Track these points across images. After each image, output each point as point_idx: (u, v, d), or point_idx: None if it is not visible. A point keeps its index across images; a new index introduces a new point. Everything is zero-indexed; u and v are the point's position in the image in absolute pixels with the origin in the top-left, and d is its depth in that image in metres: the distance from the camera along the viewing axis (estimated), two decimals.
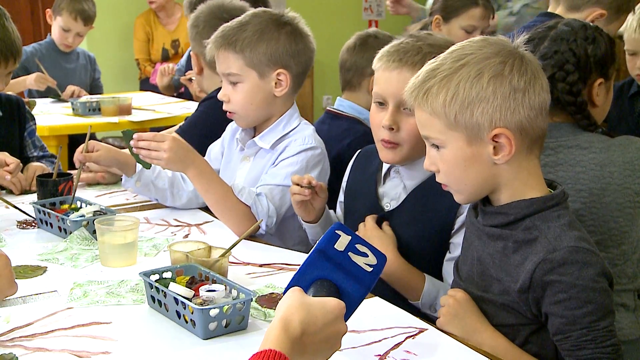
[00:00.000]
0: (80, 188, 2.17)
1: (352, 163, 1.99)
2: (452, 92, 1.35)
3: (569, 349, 1.33)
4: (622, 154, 1.63)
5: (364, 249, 1.16)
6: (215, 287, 1.43)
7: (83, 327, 1.41)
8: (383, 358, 1.31)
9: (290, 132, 2.08)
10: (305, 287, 1.12)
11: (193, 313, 1.35)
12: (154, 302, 1.47)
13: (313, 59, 2.13)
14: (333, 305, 1.09)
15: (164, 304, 1.44)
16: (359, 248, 1.16)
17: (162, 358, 1.31)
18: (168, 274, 1.52)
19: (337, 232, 1.15)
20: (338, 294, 1.12)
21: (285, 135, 2.07)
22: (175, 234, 1.96)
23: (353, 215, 1.87)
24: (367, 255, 1.15)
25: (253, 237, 1.91)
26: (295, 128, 2.09)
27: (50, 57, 4.31)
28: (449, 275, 1.70)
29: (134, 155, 1.95)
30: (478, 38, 1.43)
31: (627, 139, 1.67)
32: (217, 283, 1.46)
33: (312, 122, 2.25)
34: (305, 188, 1.79)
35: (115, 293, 1.56)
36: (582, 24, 1.71)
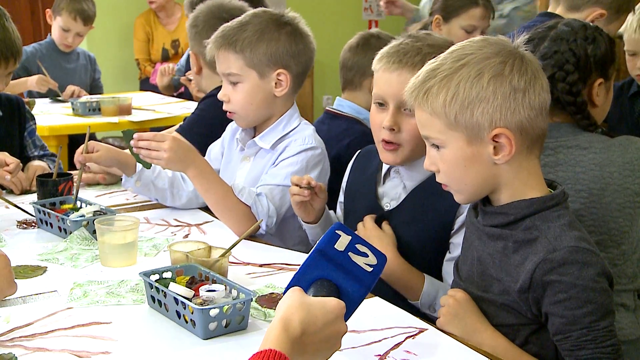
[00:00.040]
0: (81, 188, 2.16)
1: (352, 163, 1.99)
2: (452, 92, 1.35)
3: (569, 349, 1.33)
4: (621, 154, 1.63)
5: (364, 249, 1.16)
6: (215, 287, 1.43)
7: (83, 327, 1.41)
8: (383, 358, 1.31)
9: (291, 132, 2.08)
10: (306, 287, 1.12)
11: (193, 313, 1.35)
12: (154, 302, 1.47)
13: (313, 59, 2.13)
14: (333, 305, 1.09)
15: (164, 304, 1.44)
16: (359, 248, 1.16)
17: (162, 358, 1.31)
18: (168, 274, 1.52)
19: (337, 232, 1.15)
20: (338, 294, 1.12)
21: (286, 136, 2.07)
22: (175, 234, 1.96)
23: (353, 216, 1.87)
24: (367, 255, 1.15)
25: (253, 237, 1.91)
26: (296, 128, 2.09)
27: (51, 57, 4.31)
28: (449, 275, 1.70)
29: (134, 155, 1.95)
30: (478, 38, 1.43)
31: (627, 139, 1.67)
32: (217, 283, 1.46)
33: (312, 122, 2.25)
34: (305, 189, 1.79)
35: (115, 293, 1.56)
36: (582, 24, 1.71)
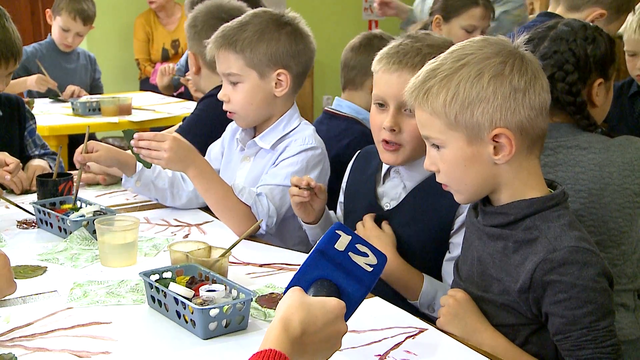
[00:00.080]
0: (81, 188, 2.17)
1: (351, 163, 1.99)
2: (452, 92, 1.35)
3: (569, 349, 1.33)
4: (621, 155, 1.63)
5: (364, 249, 1.16)
6: (215, 287, 1.43)
7: (83, 327, 1.41)
8: (383, 358, 1.31)
9: (291, 132, 2.08)
10: (306, 287, 1.12)
11: (193, 313, 1.35)
12: (154, 302, 1.47)
13: (313, 59, 2.13)
14: (333, 305, 1.09)
15: (164, 304, 1.44)
16: (359, 248, 1.16)
17: (162, 358, 1.31)
18: (168, 274, 1.52)
19: (337, 232, 1.15)
20: (338, 294, 1.12)
21: (286, 136, 2.07)
22: (175, 234, 1.96)
23: (353, 216, 1.87)
24: (367, 255, 1.15)
25: (253, 237, 1.91)
26: (296, 128, 2.09)
27: (51, 57, 4.31)
28: (448, 275, 1.70)
29: (135, 155, 1.95)
30: (478, 38, 1.43)
31: (626, 139, 1.67)
32: (217, 283, 1.46)
33: (311, 122, 2.25)
34: (304, 190, 1.79)
35: (115, 293, 1.56)
36: (582, 24, 1.71)
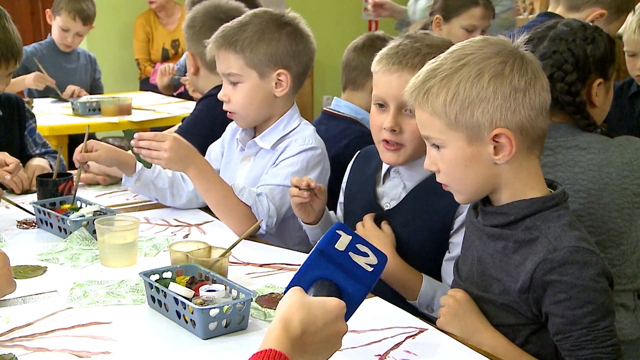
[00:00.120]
0: (80, 188, 2.17)
1: (351, 164, 1.99)
2: (452, 92, 1.35)
3: (569, 349, 1.33)
4: (620, 155, 1.63)
5: (365, 249, 1.16)
6: (215, 287, 1.43)
7: (83, 327, 1.41)
8: (383, 358, 1.31)
9: (291, 132, 2.08)
10: (306, 287, 1.12)
11: (193, 313, 1.35)
12: (154, 302, 1.47)
13: (313, 60, 2.13)
14: (333, 305, 1.09)
15: (164, 304, 1.44)
16: (360, 248, 1.16)
17: (162, 358, 1.31)
18: (168, 274, 1.51)
19: (337, 232, 1.15)
20: (338, 294, 1.12)
21: (286, 136, 2.07)
22: (175, 234, 1.96)
23: (353, 216, 1.87)
24: (367, 255, 1.15)
25: (253, 237, 1.91)
26: (296, 128, 2.09)
27: (51, 57, 4.31)
28: (448, 275, 1.70)
29: (135, 155, 1.95)
30: (478, 38, 1.43)
31: (626, 140, 1.67)
32: (217, 283, 1.46)
33: (311, 122, 2.25)
34: (304, 190, 1.79)
35: (115, 293, 1.56)
36: (581, 24, 1.71)
